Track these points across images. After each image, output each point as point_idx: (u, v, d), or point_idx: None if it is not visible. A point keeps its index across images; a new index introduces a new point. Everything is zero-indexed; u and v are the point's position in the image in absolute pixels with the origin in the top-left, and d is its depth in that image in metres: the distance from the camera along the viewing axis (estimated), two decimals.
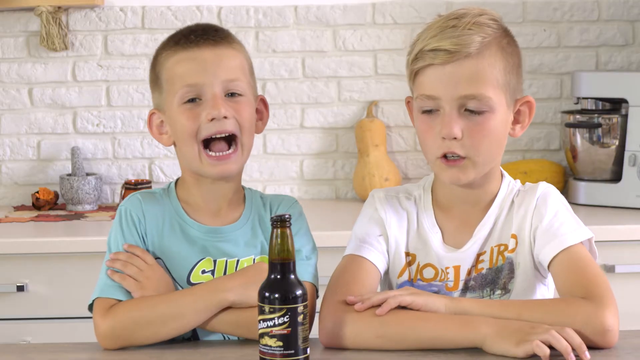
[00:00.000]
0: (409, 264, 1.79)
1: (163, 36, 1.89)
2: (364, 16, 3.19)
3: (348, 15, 3.19)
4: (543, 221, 1.71)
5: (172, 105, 1.77)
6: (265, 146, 3.21)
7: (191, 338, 1.77)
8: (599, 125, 3.00)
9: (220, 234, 1.81)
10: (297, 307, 1.52)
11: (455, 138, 1.67)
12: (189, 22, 3.13)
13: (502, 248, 1.74)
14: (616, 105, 3.03)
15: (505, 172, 1.81)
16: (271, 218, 1.54)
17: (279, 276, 1.53)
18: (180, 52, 1.77)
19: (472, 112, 1.67)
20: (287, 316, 1.51)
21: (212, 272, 1.78)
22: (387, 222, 1.79)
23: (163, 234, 1.79)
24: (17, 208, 3.12)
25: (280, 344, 1.52)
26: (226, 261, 1.79)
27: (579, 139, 3.03)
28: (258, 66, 3.17)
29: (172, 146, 1.84)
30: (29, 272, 2.67)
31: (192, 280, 1.77)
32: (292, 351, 1.52)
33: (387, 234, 1.79)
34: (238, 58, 1.79)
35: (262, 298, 1.53)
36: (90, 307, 1.77)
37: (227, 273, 1.78)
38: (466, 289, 1.75)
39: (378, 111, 3.21)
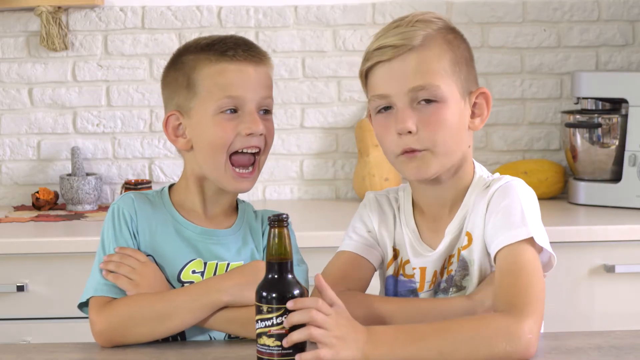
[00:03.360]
0: (395, 257, 1.82)
1: (163, 36, 1.89)
2: (364, 16, 3.19)
3: (348, 15, 3.19)
4: (492, 218, 1.68)
5: (205, 113, 1.78)
6: None
7: (178, 337, 1.77)
8: (599, 125, 3.00)
9: (214, 237, 1.82)
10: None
11: (410, 132, 1.68)
12: (189, 22, 3.15)
13: (463, 244, 1.74)
14: (616, 105, 3.03)
15: (479, 168, 1.79)
16: (268, 218, 1.54)
17: (276, 276, 1.53)
18: (226, 62, 1.77)
19: (425, 102, 1.68)
20: (285, 316, 1.51)
21: (202, 273, 1.80)
22: (374, 221, 1.83)
23: (155, 232, 1.81)
24: (17, 208, 3.12)
25: (278, 343, 1.51)
26: (217, 264, 1.81)
27: (579, 139, 3.04)
28: None
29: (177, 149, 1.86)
30: (29, 272, 2.67)
31: (182, 278, 1.79)
32: (290, 351, 1.52)
33: (375, 231, 1.82)
34: (271, 77, 1.83)
35: (259, 298, 1.53)
36: (80, 306, 1.79)
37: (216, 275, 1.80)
38: (438, 290, 1.76)
39: None
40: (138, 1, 3.17)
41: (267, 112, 1.82)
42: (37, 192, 3.09)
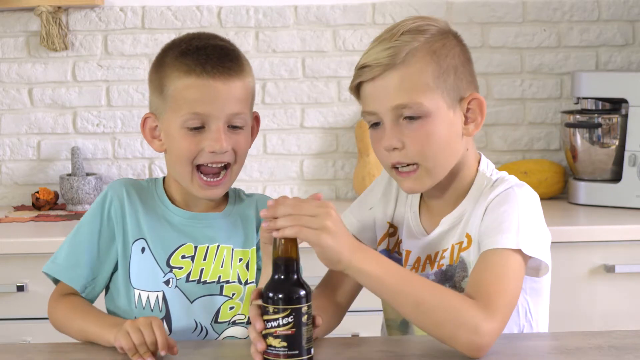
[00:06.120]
0: (390, 235, 1.84)
1: (163, 36, 1.89)
2: (364, 16, 3.19)
3: (348, 15, 3.19)
4: (486, 220, 1.69)
5: (172, 123, 1.79)
6: (265, 146, 3.22)
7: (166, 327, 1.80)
8: (599, 125, 3.00)
9: (204, 220, 1.84)
10: (301, 308, 1.52)
11: (396, 149, 1.70)
12: (189, 22, 3.15)
13: (462, 245, 1.74)
14: (616, 105, 3.03)
15: (484, 165, 1.78)
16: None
17: (282, 276, 1.53)
18: (194, 78, 1.76)
19: (410, 119, 1.69)
20: (291, 317, 1.51)
21: (192, 257, 1.81)
22: (379, 191, 1.88)
23: (145, 217, 1.82)
24: (17, 208, 3.12)
25: (285, 344, 1.51)
26: (207, 247, 1.82)
27: (579, 139, 3.04)
28: (258, 66, 3.17)
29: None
30: (29, 272, 2.67)
31: (171, 263, 1.80)
32: (296, 351, 1.52)
33: (376, 204, 1.87)
34: (246, 89, 1.80)
35: (265, 298, 1.52)
36: (45, 271, 1.88)
37: (207, 259, 1.82)
38: None
39: None
40: (138, 1, 3.17)
41: (239, 127, 1.80)
42: (37, 192, 3.09)
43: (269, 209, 1.55)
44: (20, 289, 2.65)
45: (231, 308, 1.82)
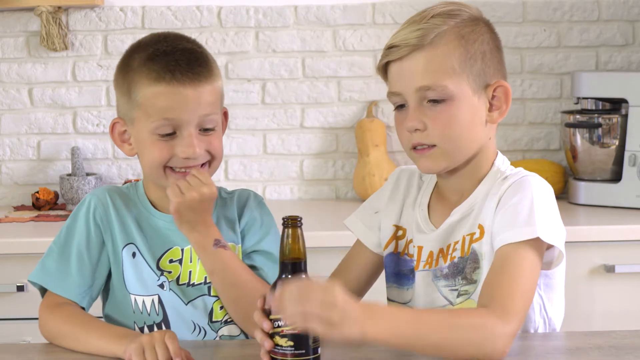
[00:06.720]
0: (398, 237, 1.83)
1: None
2: (364, 16, 3.19)
3: (348, 15, 3.19)
4: (501, 213, 1.67)
5: (142, 129, 1.77)
6: (265, 146, 3.22)
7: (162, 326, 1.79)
8: (599, 125, 3.00)
9: None
10: None
11: (418, 130, 1.70)
12: (189, 22, 3.15)
13: (474, 237, 1.73)
14: (616, 105, 3.03)
15: (499, 160, 1.79)
16: (282, 218, 1.54)
17: (289, 276, 1.53)
18: (163, 85, 1.74)
19: (434, 102, 1.69)
20: None
21: (180, 261, 1.81)
22: (386, 194, 1.87)
23: (131, 221, 1.82)
24: (17, 208, 3.12)
25: (291, 343, 1.51)
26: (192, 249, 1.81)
27: (579, 139, 3.04)
28: (258, 66, 3.17)
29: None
30: (29, 272, 2.66)
31: (161, 266, 1.80)
32: (303, 351, 1.52)
33: (382, 209, 1.86)
34: (215, 91, 1.79)
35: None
36: (32, 280, 1.84)
37: (193, 261, 1.81)
38: (440, 275, 1.75)
39: (378, 111, 3.21)
40: (138, 1, 3.17)
41: (211, 129, 1.78)
42: (37, 192, 3.09)
43: (276, 303, 1.47)
44: (20, 289, 2.65)
45: (221, 307, 1.81)
